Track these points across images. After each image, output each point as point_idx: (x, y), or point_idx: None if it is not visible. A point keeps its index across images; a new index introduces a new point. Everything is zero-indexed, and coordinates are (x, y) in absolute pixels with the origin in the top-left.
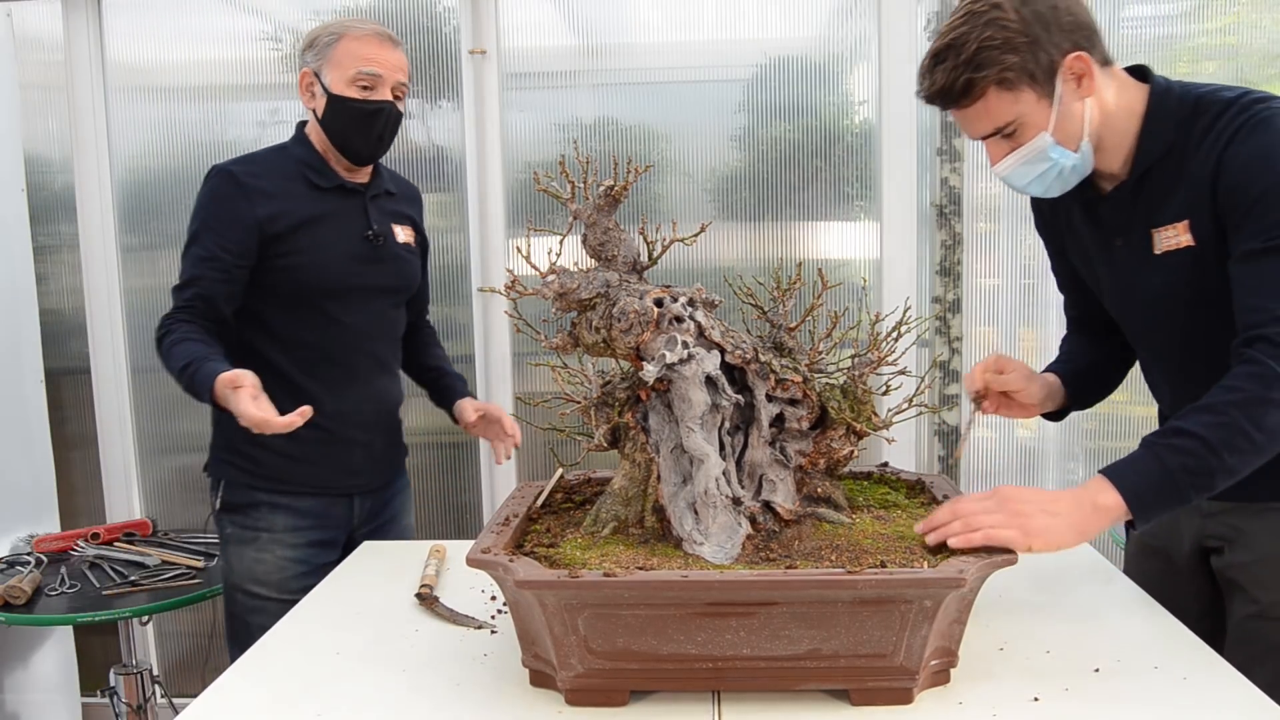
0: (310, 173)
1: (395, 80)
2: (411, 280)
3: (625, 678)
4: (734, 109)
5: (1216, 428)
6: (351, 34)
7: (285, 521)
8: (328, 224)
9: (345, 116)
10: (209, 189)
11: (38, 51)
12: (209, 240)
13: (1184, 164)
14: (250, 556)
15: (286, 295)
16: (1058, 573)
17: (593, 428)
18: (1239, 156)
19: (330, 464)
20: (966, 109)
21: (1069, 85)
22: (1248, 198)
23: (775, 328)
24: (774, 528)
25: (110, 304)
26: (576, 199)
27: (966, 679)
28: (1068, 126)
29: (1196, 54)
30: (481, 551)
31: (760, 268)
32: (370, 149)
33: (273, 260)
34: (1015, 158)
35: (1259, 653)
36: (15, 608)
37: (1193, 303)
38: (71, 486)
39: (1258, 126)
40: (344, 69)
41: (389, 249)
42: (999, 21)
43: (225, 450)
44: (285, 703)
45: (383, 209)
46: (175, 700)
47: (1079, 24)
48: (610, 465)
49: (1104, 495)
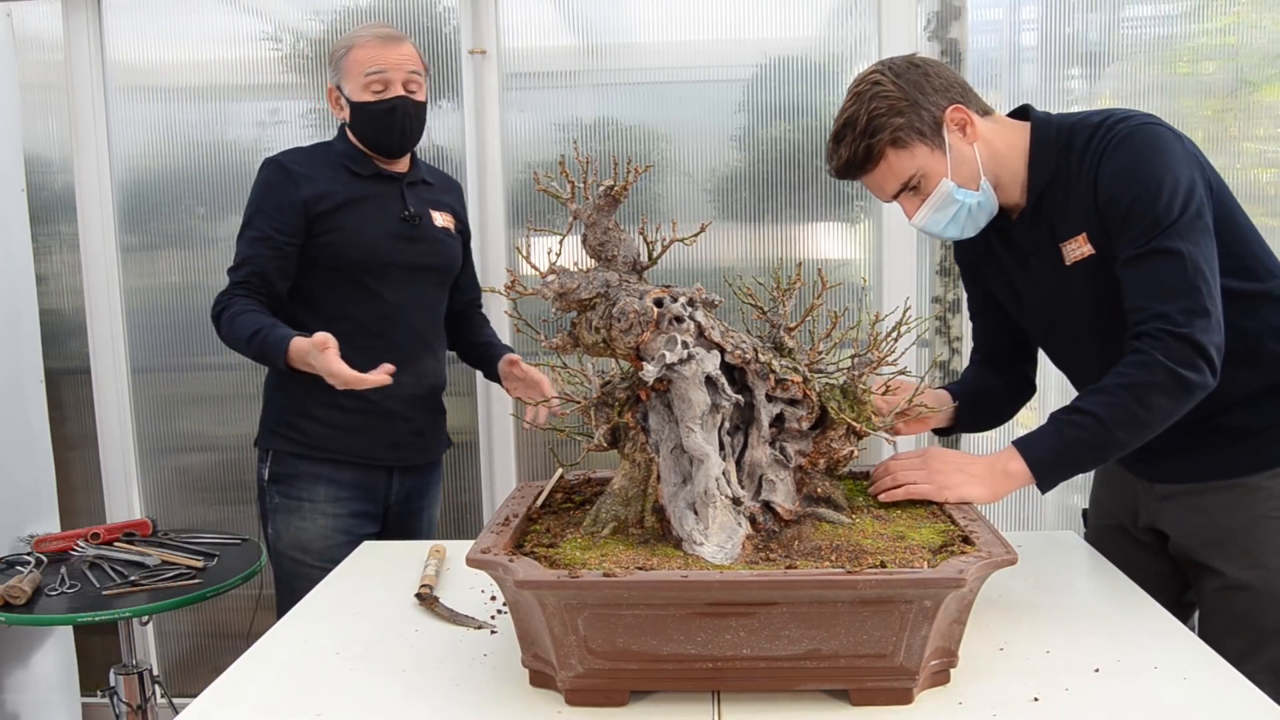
0: (350, 163)
1: (404, 75)
2: (451, 261)
3: (625, 678)
4: (734, 109)
5: (1108, 406)
6: (356, 43)
7: (327, 492)
8: (367, 205)
9: (367, 119)
10: (261, 178)
11: (38, 51)
12: (261, 222)
13: (1071, 184)
14: (295, 525)
15: (330, 271)
16: (1058, 573)
17: (593, 428)
18: (1107, 174)
19: (373, 436)
20: (873, 174)
21: (955, 134)
22: (1120, 209)
23: (775, 328)
24: (774, 528)
25: (110, 304)
26: (576, 199)
27: (966, 679)
28: (964, 170)
29: (1196, 54)
30: (481, 551)
31: (760, 268)
32: (397, 142)
33: (318, 238)
34: (927, 207)
35: (1229, 624)
36: (15, 608)
37: (1102, 304)
38: (71, 486)
39: (1120, 145)
40: (356, 77)
41: (426, 230)
42: (881, 94)
43: (275, 423)
44: (285, 703)
45: (420, 195)
46: (175, 700)
47: (950, 83)
48: (610, 465)
49: (1012, 462)
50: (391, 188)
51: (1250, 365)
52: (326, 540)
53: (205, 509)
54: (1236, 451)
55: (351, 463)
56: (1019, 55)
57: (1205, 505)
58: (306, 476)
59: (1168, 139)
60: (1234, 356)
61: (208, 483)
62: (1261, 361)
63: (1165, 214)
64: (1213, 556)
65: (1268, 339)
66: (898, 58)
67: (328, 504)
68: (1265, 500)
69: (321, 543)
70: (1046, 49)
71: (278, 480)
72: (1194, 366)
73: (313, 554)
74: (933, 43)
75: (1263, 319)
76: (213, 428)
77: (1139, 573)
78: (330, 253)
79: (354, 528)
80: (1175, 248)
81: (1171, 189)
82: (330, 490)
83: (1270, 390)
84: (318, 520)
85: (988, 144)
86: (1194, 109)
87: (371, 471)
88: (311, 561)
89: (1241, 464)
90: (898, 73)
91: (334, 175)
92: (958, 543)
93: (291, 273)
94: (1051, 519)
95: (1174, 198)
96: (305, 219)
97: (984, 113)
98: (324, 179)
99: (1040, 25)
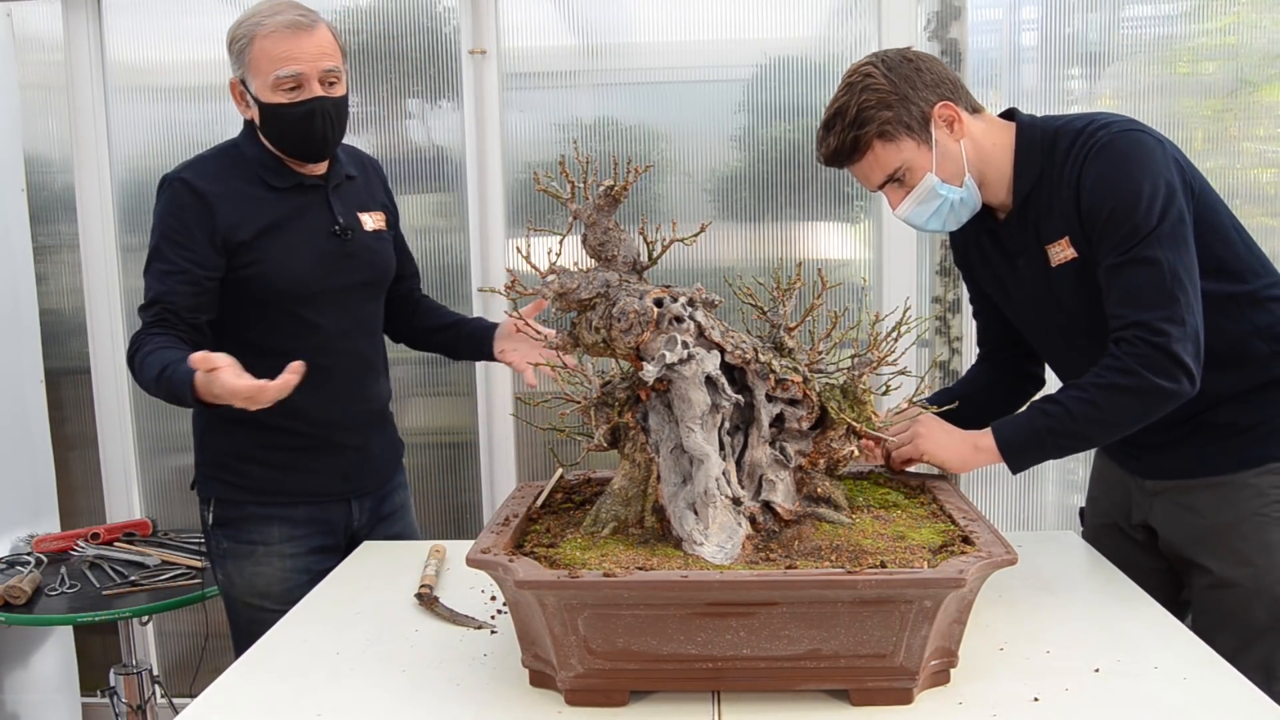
0: (266, 173)
1: (320, 69)
2: (386, 270)
3: (625, 678)
4: (734, 109)
5: (1079, 402)
6: (261, 33)
7: (281, 532)
8: (291, 226)
9: (279, 124)
10: (166, 200)
11: (38, 51)
12: (173, 254)
13: (1054, 189)
14: (249, 570)
15: (257, 304)
16: (1058, 573)
17: (593, 428)
18: (1088, 181)
19: (323, 471)
20: (859, 164)
21: (942, 130)
22: (1100, 217)
23: (775, 328)
24: (774, 528)
25: (110, 304)
26: (576, 199)
27: (966, 679)
28: (949, 165)
29: (1196, 54)
30: (481, 551)
31: (760, 268)
32: (317, 149)
33: (239, 270)
34: (911, 199)
35: (1219, 620)
36: (15, 608)
37: (1087, 305)
38: (71, 486)
39: (1100, 152)
40: (263, 74)
41: (359, 240)
42: (871, 86)
43: (212, 466)
44: (285, 703)
45: (346, 199)
46: (175, 700)
47: (941, 79)
48: (610, 465)
49: (984, 439)
50: (315, 198)
51: (1237, 365)
52: (286, 583)
53: None
54: (1224, 449)
55: (304, 501)
56: (1019, 55)
57: (1194, 502)
58: (256, 519)
59: (1148, 145)
60: (1221, 357)
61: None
62: (1248, 361)
63: (1144, 222)
64: (1201, 554)
65: (1254, 339)
66: (892, 50)
67: (283, 544)
68: (1252, 498)
69: (281, 586)
70: (1046, 49)
71: (224, 525)
72: (1169, 375)
73: (272, 598)
74: (933, 43)
75: (1250, 320)
76: None
77: (1135, 571)
78: (255, 286)
79: (314, 565)
80: (1154, 256)
81: (1150, 196)
82: (285, 530)
83: (1257, 389)
84: (274, 563)
85: (975, 142)
86: (1194, 109)
87: (326, 505)
88: (272, 606)
89: (1229, 461)
90: (890, 66)
91: (249, 192)
92: (958, 543)
93: (212, 306)
94: (1051, 519)
95: (1153, 205)
96: (224, 251)
97: (974, 110)
98: (239, 199)
99: (1040, 25)
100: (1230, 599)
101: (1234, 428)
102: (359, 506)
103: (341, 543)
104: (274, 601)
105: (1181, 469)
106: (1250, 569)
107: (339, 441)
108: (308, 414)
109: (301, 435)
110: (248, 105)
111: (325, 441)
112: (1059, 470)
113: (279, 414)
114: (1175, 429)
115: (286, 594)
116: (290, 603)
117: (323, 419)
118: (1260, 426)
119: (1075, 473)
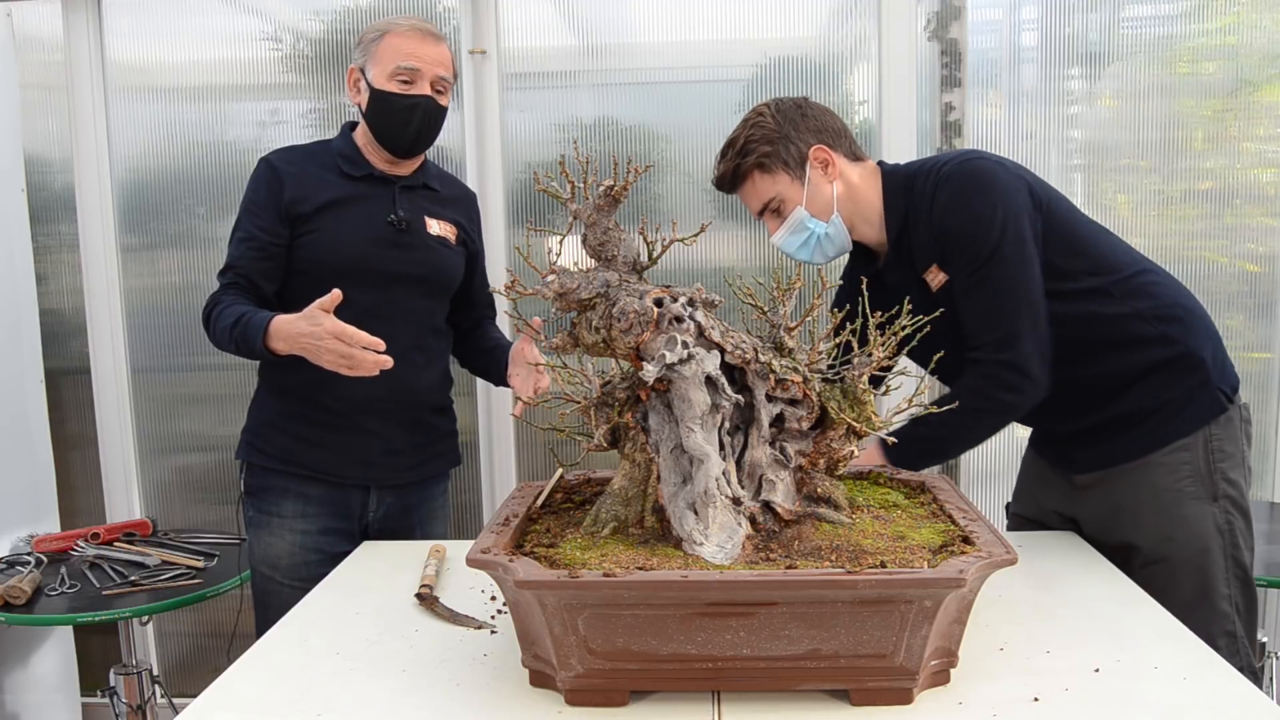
0: (343, 162)
1: (435, 75)
2: (443, 271)
3: (625, 678)
4: (734, 109)
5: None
6: (394, 31)
7: (294, 507)
8: (351, 207)
9: (385, 110)
10: (252, 177)
11: (38, 51)
12: (247, 223)
13: (917, 225)
14: (265, 540)
15: (306, 275)
16: (1058, 573)
17: (593, 428)
18: (938, 211)
19: (341, 452)
20: (742, 189)
21: (816, 170)
22: (950, 243)
23: (775, 328)
24: (774, 528)
25: (110, 304)
26: (576, 199)
27: (966, 679)
28: (819, 202)
29: (1196, 54)
30: (481, 551)
31: (760, 268)
32: (410, 141)
33: (297, 239)
34: (784, 229)
35: (1158, 595)
36: (15, 608)
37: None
38: (71, 486)
39: (944, 183)
40: (385, 64)
41: (416, 236)
42: (760, 124)
43: (249, 432)
44: (285, 703)
45: (416, 200)
46: (175, 700)
47: (825, 127)
48: (610, 465)
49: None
50: (383, 190)
51: (1128, 349)
52: (294, 557)
53: (205, 509)
54: (1137, 433)
55: (318, 478)
56: (1019, 55)
57: (1118, 488)
58: (276, 490)
59: (987, 171)
60: (1112, 343)
61: (208, 483)
62: (1138, 344)
63: (984, 244)
64: (1129, 534)
65: (1138, 322)
66: (788, 98)
67: (295, 519)
68: (1165, 475)
69: (289, 559)
70: (1046, 49)
71: (252, 493)
72: (1016, 389)
73: (281, 570)
74: (933, 43)
75: (1130, 304)
76: (212, 428)
77: None
78: (305, 255)
79: (325, 545)
80: (997, 275)
81: (988, 219)
82: (297, 505)
83: (1154, 368)
84: (285, 536)
85: (849, 185)
86: (1194, 109)
87: (343, 488)
88: (280, 579)
89: (1143, 444)
90: (780, 109)
91: (322, 175)
92: (958, 543)
93: (278, 275)
94: None
95: (991, 228)
96: (287, 219)
97: (855, 159)
98: (311, 178)
99: (1040, 25)
100: (1160, 575)
101: (1140, 412)
102: (377, 499)
103: (355, 530)
104: (283, 574)
105: (1104, 459)
106: (1172, 543)
107: (362, 426)
108: (333, 390)
109: (325, 410)
110: (359, 91)
111: (347, 422)
112: None
113: (307, 385)
114: (1095, 421)
115: (294, 569)
116: (299, 578)
117: (346, 398)
118: (1164, 408)
119: None
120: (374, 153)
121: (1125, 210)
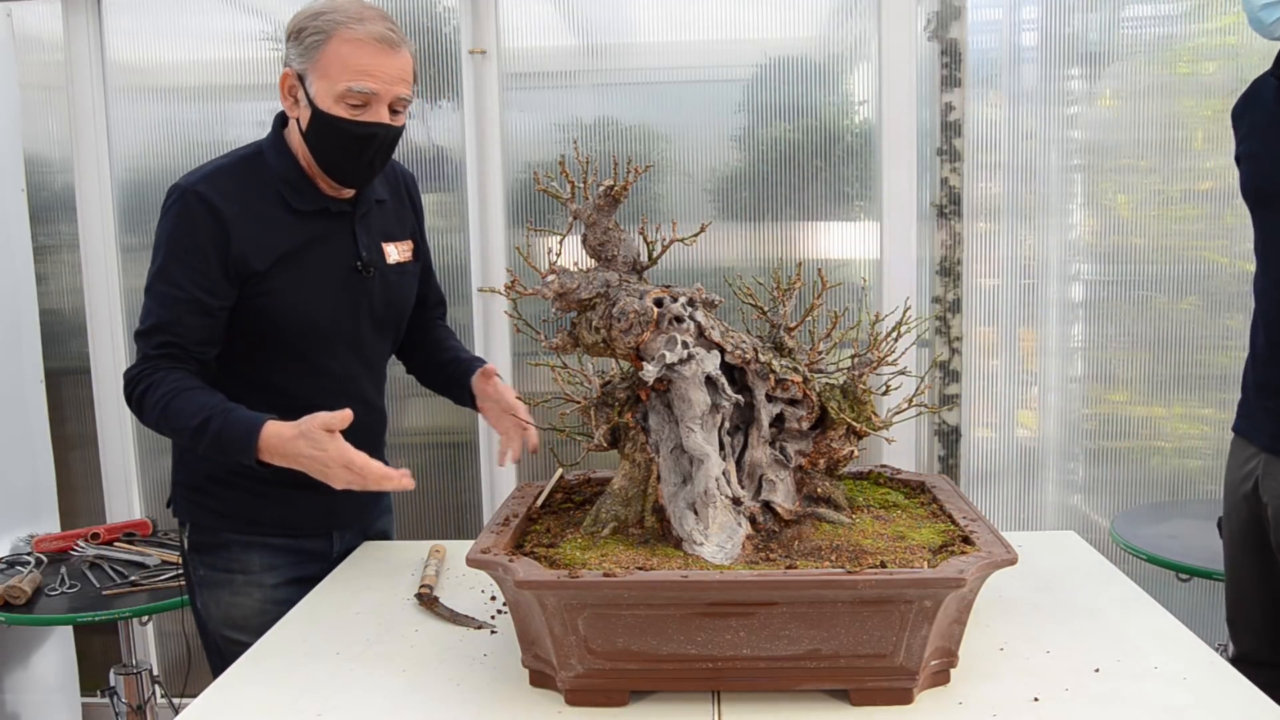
0: (289, 193)
1: (394, 95)
2: (404, 307)
3: (625, 678)
4: (734, 109)
5: None
6: (343, 34)
7: (261, 561)
8: (310, 254)
9: (332, 137)
10: (176, 214)
11: (38, 51)
12: (182, 278)
13: None
14: (226, 600)
15: (261, 338)
16: (1058, 573)
17: (593, 428)
18: None
19: (306, 507)
20: None
21: None
22: None
23: (775, 328)
24: (774, 528)
25: (110, 304)
26: (576, 199)
27: (966, 679)
28: None
29: (1196, 54)
30: (481, 551)
31: (760, 268)
32: (362, 174)
33: (248, 300)
34: None
35: None
36: (15, 608)
37: None
38: (71, 486)
39: None
40: (332, 80)
41: (379, 275)
42: None
43: (189, 489)
44: (285, 703)
45: (372, 228)
46: (175, 700)
47: None
48: (610, 465)
49: None
50: (340, 227)
51: None
52: (266, 615)
53: None
54: None
55: (282, 533)
56: (1019, 55)
57: None
58: (236, 545)
59: None
60: None
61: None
62: None
63: None
64: None
65: None
66: None
67: (262, 573)
68: None
69: (260, 618)
70: (1046, 49)
71: (201, 551)
72: None
73: (251, 631)
74: (933, 42)
75: None
76: None
77: None
78: (261, 319)
79: (293, 596)
80: None
81: None
82: (265, 559)
83: None
84: (253, 594)
85: None
86: (1194, 109)
87: (310, 538)
88: (249, 640)
89: None
90: None
91: (268, 213)
92: (958, 543)
93: (220, 339)
94: (1051, 519)
95: None
96: (236, 278)
97: None
98: (256, 221)
99: (1040, 25)
100: None
101: None
102: (339, 536)
103: (322, 571)
104: (253, 635)
105: None
106: None
107: None
108: None
109: (287, 471)
110: (297, 103)
111: (309, 478)
112: (1059, 470)
113: None
114: None
115: (264, 627)
116: None
117: None
118: None
119: (1075, 473)
120: (318, 173)
121: (1125, 210)
